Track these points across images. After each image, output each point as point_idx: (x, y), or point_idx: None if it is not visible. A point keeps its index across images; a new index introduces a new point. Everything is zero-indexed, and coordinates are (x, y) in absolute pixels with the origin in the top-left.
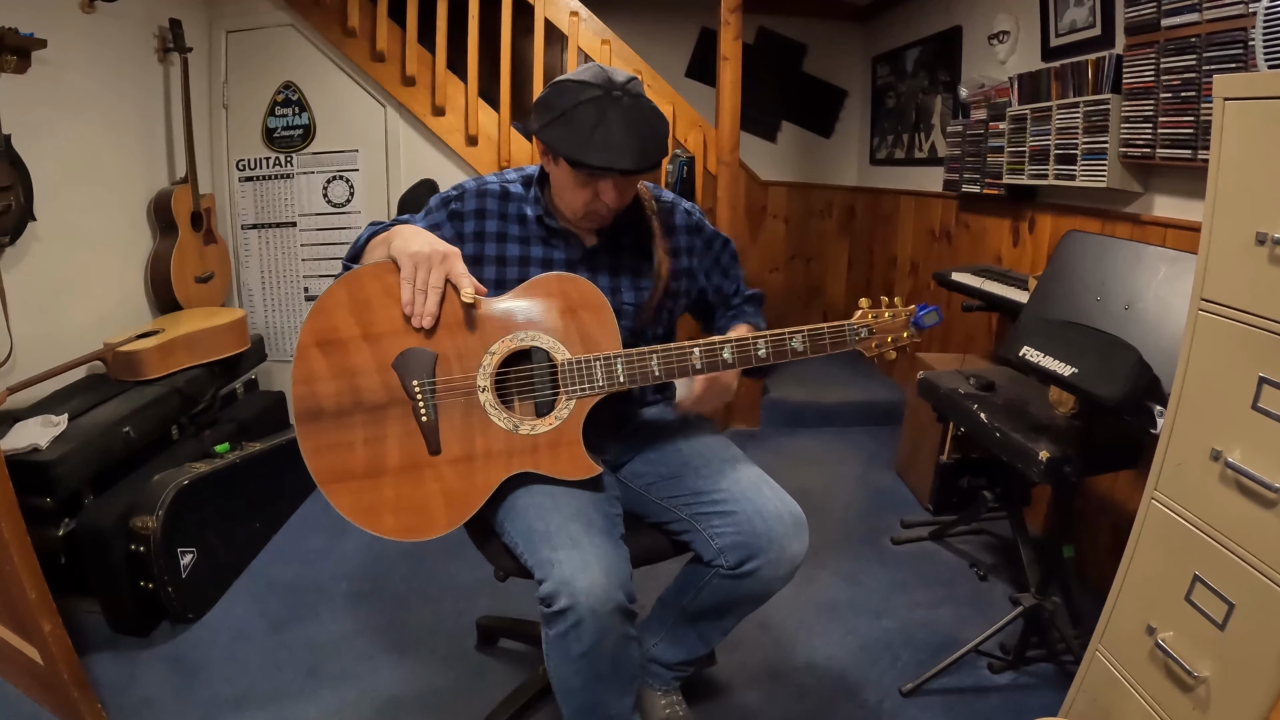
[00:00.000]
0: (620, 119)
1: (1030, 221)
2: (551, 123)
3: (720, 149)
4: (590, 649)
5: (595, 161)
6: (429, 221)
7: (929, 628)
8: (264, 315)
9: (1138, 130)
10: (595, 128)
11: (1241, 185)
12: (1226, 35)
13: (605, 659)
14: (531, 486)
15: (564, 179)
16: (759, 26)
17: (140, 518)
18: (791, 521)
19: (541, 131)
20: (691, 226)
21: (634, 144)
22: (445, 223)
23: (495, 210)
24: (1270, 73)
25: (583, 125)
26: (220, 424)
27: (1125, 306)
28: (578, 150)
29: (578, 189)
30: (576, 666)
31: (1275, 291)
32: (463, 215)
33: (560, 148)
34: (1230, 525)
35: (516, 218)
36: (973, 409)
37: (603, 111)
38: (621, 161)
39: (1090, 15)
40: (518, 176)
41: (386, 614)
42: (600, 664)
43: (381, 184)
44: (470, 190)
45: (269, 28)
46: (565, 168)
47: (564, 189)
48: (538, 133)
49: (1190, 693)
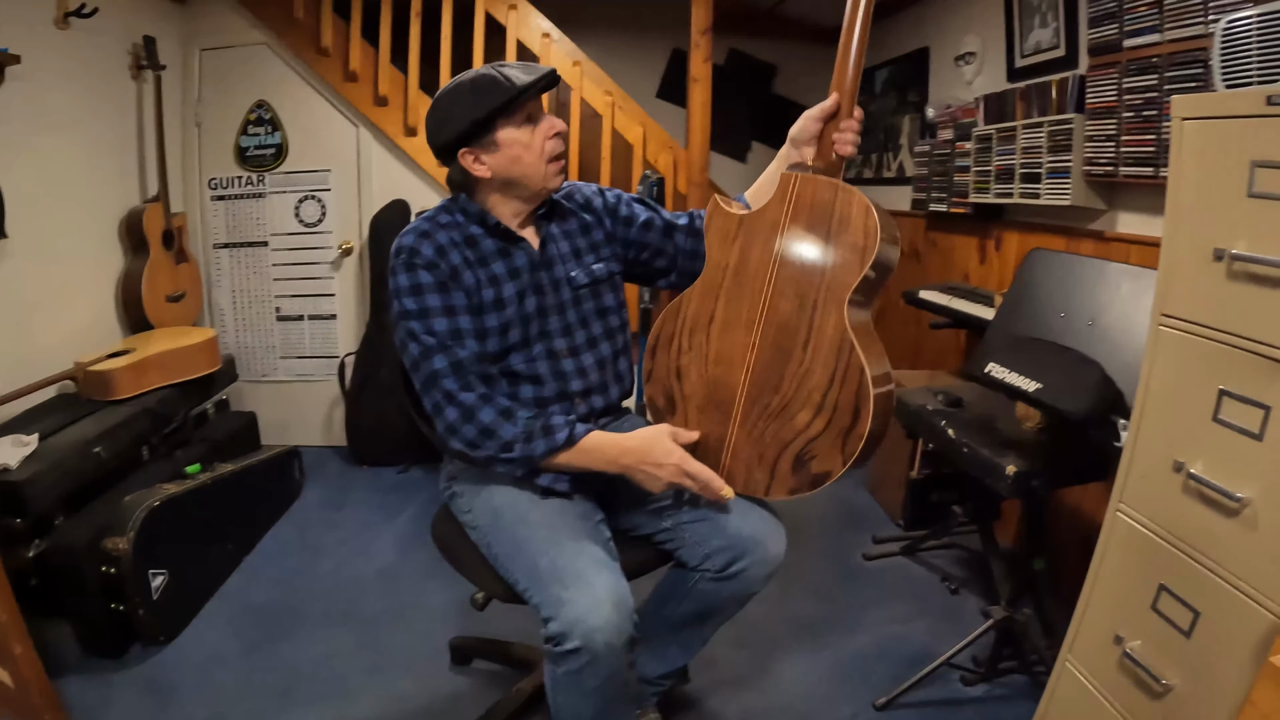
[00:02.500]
0: (504, 66)
1: (997, 239)
2: (469, 107)
3: (691, 170)
4: (604, 683)
5: (525, 81)
6: (412, 281)
7: (902, 642)
8: (235, 335)
9: (1101, 149)
10: (497, 77)
11: (1199, 203)
12: (1187, 56)
13: (617, 687)
14: (526, 516)
15: (514, 146)
16: (730, 48)
17: (111, 539)
18: (772, 523)
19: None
20: (594, 193)
21: (531, 67)
22: (430, 278)
23: (447, 242)
24: (1226, 93)
25: (488, 83)
26: (192, 444)
27: (1089, 322)
28: (504, 94)
29: (531, 139)
30: (591, 700)
31: (1233, 306)
32: (435, 262)
33: (494, 102)
34: (1194, 535)
35: (465, 242)
36: (941, 425)
37: (493, 69)
38: (540, 72)
39: (1054, 37)
40: (434, 213)
41: (361, 635)
42: (612, 692)
43: (353, 204)
44: (411, 242)
45: (243, 46)
46: (508, 129)
47: (519, 155)
48: (464, 128)
49: (1159, 700)
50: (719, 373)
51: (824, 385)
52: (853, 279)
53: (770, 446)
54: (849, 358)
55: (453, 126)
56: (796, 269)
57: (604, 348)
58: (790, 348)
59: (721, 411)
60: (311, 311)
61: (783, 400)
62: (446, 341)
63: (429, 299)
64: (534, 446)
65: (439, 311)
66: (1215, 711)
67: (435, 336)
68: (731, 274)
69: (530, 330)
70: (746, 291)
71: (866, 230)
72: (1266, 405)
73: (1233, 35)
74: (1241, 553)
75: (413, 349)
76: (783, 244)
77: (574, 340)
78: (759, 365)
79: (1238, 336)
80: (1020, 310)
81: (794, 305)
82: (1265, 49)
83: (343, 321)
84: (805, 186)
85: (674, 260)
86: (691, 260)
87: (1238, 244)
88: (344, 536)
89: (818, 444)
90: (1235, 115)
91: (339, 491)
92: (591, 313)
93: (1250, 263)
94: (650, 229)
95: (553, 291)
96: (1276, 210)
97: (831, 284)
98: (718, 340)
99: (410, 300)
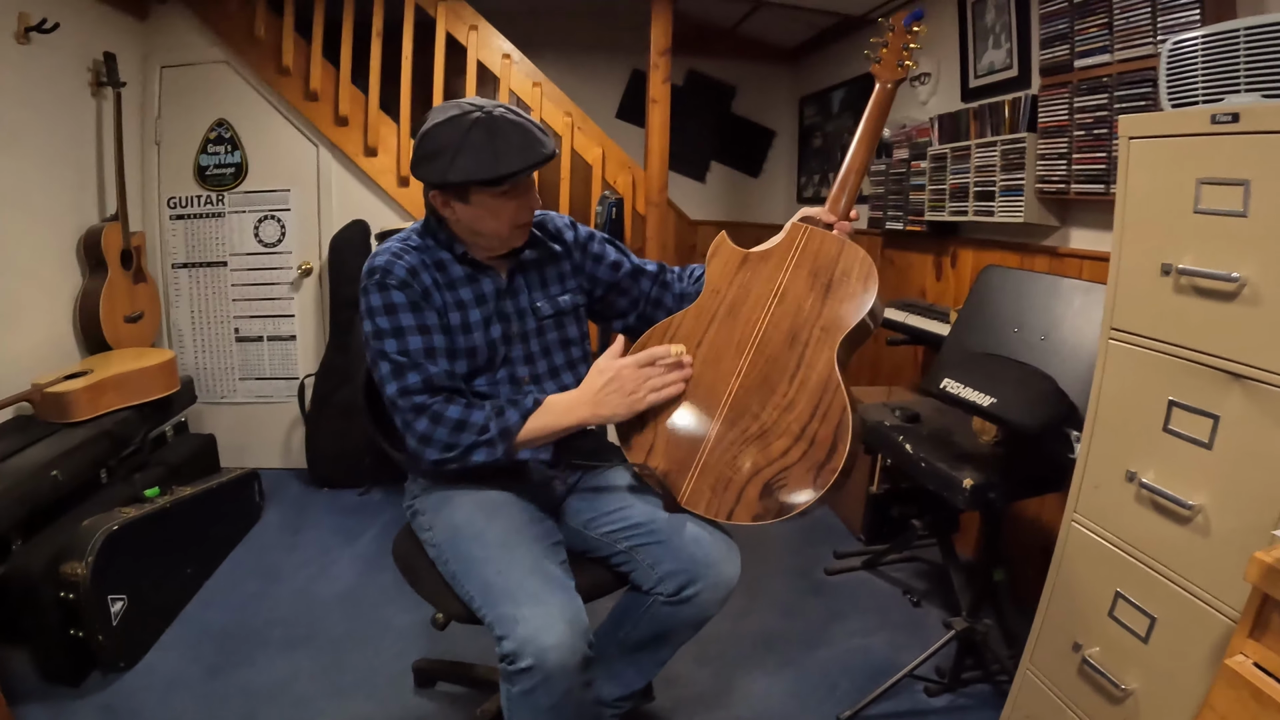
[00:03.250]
0: (508, 125)
1: (952, 256)
2: (453, 162)
3: (649, 190)
4: (559, 702)
5: (516, 165)
6: (385, 300)
7: (865, 655)
8: (194, 356)
9: (1053, 167)
10: (494, 141)
11: (1147, 220)
12: (1136, 75)
13: (571, 707)
14: (483, 534)
15: (483, 208)
16: (689, 69)
17: (69, 564)
18: (725, 547)
19: (448, 174)
20: (565, 225)
21: (531, 137)
22: (403, 297)
23: (418, 264)
24: (1171, 112)
25: (483, 146)
26: (150, 467)
27: (1042, 337)
28: (495, 165)
29: (501, 208)
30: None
31: (1181, 319)
32: (408, 282)
33: (477, 174)
34: (1148, 542)
35: (435, 266)
36: (898, 440)
37: (491, 127)
38: (536, 154)
39: (1007, 57)
40: (407, 235)
41: (323, 659)
42: (568, 713)
43: (313, 224)
44: (384, 262)
45: (203, 64)
46: (483, 195)
47: (485, 218)
48: (440, 181)
49: (1120, 705)
50: (699, 394)
51: (805, 418)
52: (848, 324)
53: (741, 471)
54: (834, 395)
55: (432, 172)
56: (794, 307)
57: (566, 377)
58: (777, 379)
59: (695, 432)
60: (271, 332)
61: (762, 427)
62: (420, 359)
63: (403, 318)
64: (507, 418)
65: (413, 330)
66: (1175, 715)
67: (408, 355)
68: (728, 303)
69: (494, 356)
70: (740, 321)
71: (867, 284)
72: (1215, 415)
73: (1178, 56)
74: (1195, 559)
75: (384, 367)
76: (785, 283)
77: (536, 369)
78: (743, 391)
79: (1186, 348)
80: (975, 326)
81: (786, 340)
82: (1210, 69)
83: (302, 342)
84: (813, 238)
85: (636, 303)
86: (654, 308)
87: (1184, 259)
88: (304, 559)
89: (790, 473)
90: (1181, 134)
91: (299, 514)
92: (555, 343)
93: (1197, 276)
94: (618, 270)
95: (517, 320)
96: (1222, 225)
97: (828, 326)
98: (702, 363)
99: (384, 319)
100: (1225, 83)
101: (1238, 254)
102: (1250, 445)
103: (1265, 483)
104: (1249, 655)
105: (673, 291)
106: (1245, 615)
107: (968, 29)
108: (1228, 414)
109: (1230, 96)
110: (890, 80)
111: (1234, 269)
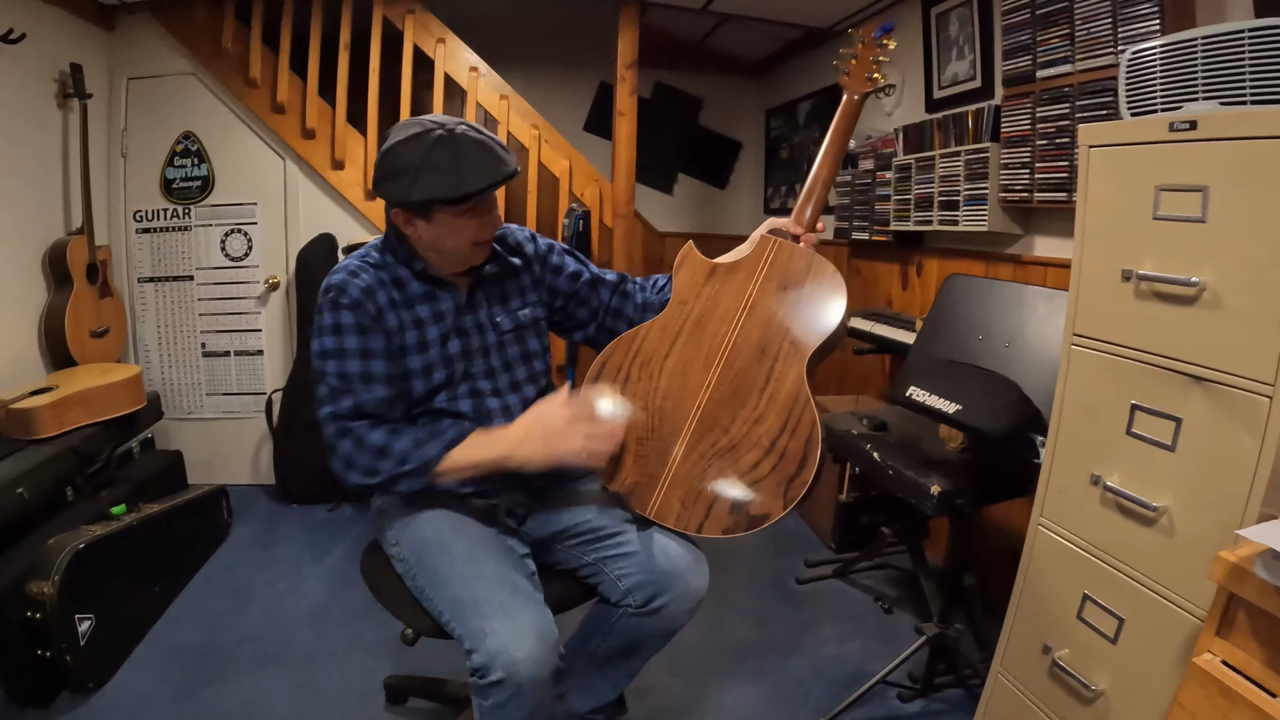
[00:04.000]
0: (469, 143)
1: (918, 265)
2: (416, 181)
3: (616, 202)
4: (531, 715)
5: (478, 184)
6: (334, 320)
7: (838, 662)
8: (160, 371)
9: (1016, 176)
10: (456, 159)
11: (1107, 226)
12: (1097, 85)
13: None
14: (451, 547)
15: (445, 226)
16: (656, 81)
17: (36, 583)
18: (692, 557)
19: (411, 192)
20: (526, 238)
21: (494, 156)
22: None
23: (374, 282)
24: (1130, 121)
25: (445, 165)
26: (116, 484)
27: (1006, 344)
28: (457, 185)
29: (463, 226)
30: None
31: (1142, 324)
32: (361, 303)
33: (439, 193)
34: (1114, 544)
35: (393, 283)
36: (866, 449)
37: (453, 145)
38: (498, 172)
39: (971, 68)
40: (366, 252)
41: (293, 677)
42: None
43: (280, 238)
44: (339, 281)
45: (170, 76)
46: (445, 214)
47: (446, 236)
48: (403, 200)
49: (1090, 705)
50: (667, 406)
51: (775, 432)
52: (818, 338)
53: (711, 484)
54: (804, 410)
55: (394, 191)
56: (763, 320)
57: (528, 390)
58: (746, 393)
59: (663, 445)
60: (238, 347)
61: (732, 441)
62: (355, 384)
63: (347, 340)
64: (427, 450)
65: (355, 354)
66: (1145, 714)
67: (345, 378)
68: (695, 316)
69: (454, 372)
70: (708, 334)
71: (836, 297)
72: (1178, 417)
73: (1137, 65)
74: (1161, 559)
75: (321, 389)
76: (754, 296)
77: (497, 383)
78: (712, 404)
79: (1147, 353)
80: (940, 334)
81: (755, 353)
82: (1168, 78)
83: (269, 357)
84: (783, 251)
85: (596, 314)
86: (614, 319)
87: (1144, 264)
88: (274, 576)
89: (761, 486)
90: (1140, 141)
91: (268, 530)
92: (516, 357)
93: (1157, 282)
94: (577, 280)
95: (477, 335)
96: (1181, 231)
97: (797, 340)
98: (669, 376)
99: (330, 339)
100: (1183, 91)
101: (1197, 259)
102: (1212, 446)
103: (1228, 482)
104: (1217, 653)
105: (634, 301)
106: (1211, 614)
107: (932, 40)
108: (1190, 416)
109: (1188, 104)
110: (858, 92)
111: (1193, 273)
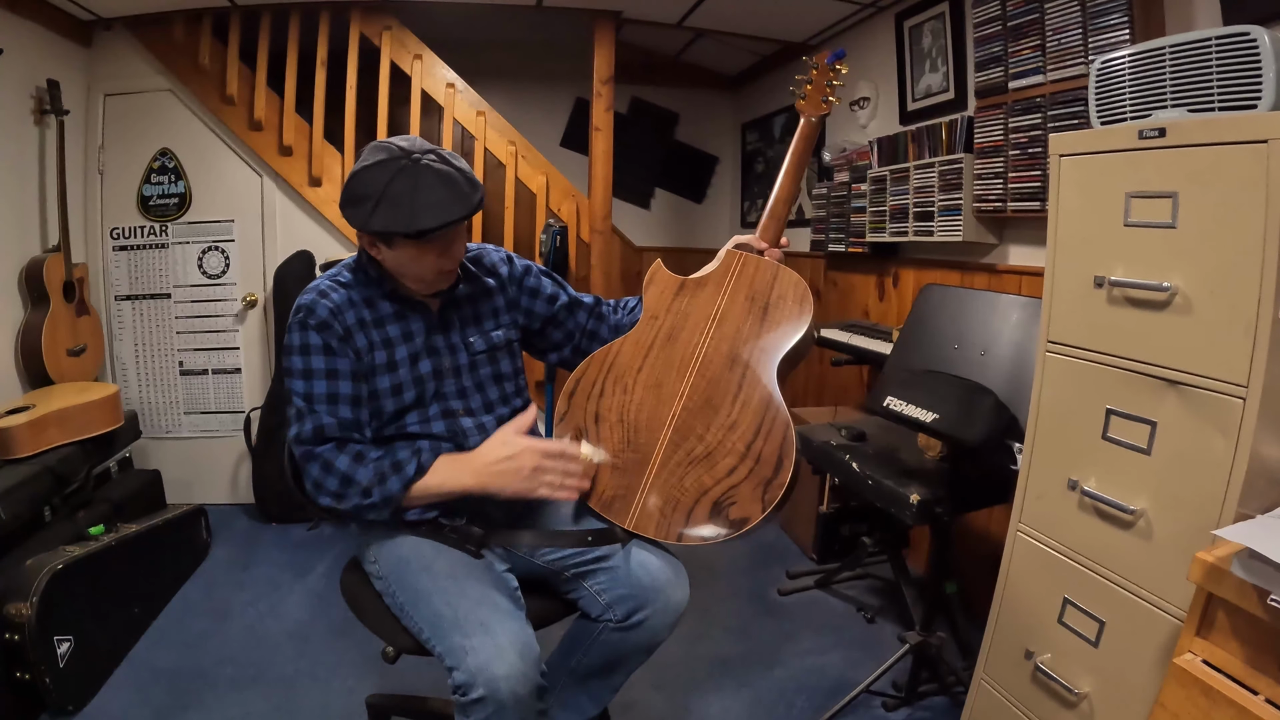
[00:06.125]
0: (432, 176)
1: (894, 276)
2: (374, 211)
3: (593, 217)
4: None
5: (431, 223)
6: (302, 340)
7: (821, 673)
8: (138, 390)
9: (990, 186)
10: (415, 194)
11: (1079, 234)
12: (1068, 95)
13: None
14: (431, 565)
15: (406, 254)
16: (632, 96)
17: (13, 604)
18: (672, 571)
19: (369, 222)
20: (501, 260)
21: (456, 191)
22: (319, 339)
23: (344, 302)
24: (1099, 129)
25: (403, 198)
26: (94, 504)
27: (981, 352)
28: (411, 221)
29: (423, 256)
30: None
31: (1115, 329)
32: (328, 323)
33: (394, 227)
34: (1092, 548)
35: (364, 303)
36: (845, 459)
37: (414, 178)
38: (454, 212)
39: (944, 80)
40: (338, 271)
41: (274, 698)
42: None
43: (257, 255)
44: (309, 301)
45: (147, 92)
46: (405, 244)
47: (407, 264)
48: (364, 226)
49: (1074, 709)
50: (641, 419)
51: (749, 437)
52: (786, 345)
53: (689, 492)
54: (776, 414)
55: (354, 217)
56: (733, 330)
57: (501, 410)
58: (720, 401)
59: (638, 457)
60: (216, 365)
61: (707, 448)
62: (320, 405)
63: (314, 360)
64: (389, 486)
65: (321, 374)
66: (1128, 715)
67: (311, 399)
68: (666, 330)
69: (425, 392)
70: (680, 346)
71: (802, 307)
72: (1153, 421)
73: (1106, 75)
74: (1140, 562)
75: (289, 410)
76: (723, 308)
77: (470, 403)
78: (686, 413)
79: (1121, 358)
80: (916, 344)
81: (727, 362)
82: (1137, 87)
83: (248, 375)
84: (749, 264)
85: (571, 336)
86: (589, 341)
87: (1116, 270)
88: (253, 596)
89: (738, 491)
90: (1110, 150)
91: (247, 550)
92: (488, 378)
93: (1129, 288)
94: (554, 303)
95: (449, 355)
96: (1151, 237)
97: (766, 347)
98: (643, 389)
99: (298, 359)
100: (1152, 99)
101: (1168, 264)
102: (1187, 449)
103: (1204, 484)
104: (1197, 653)
105: (608, 323)
106: (1191, 614)
107: (905, 53)
108: (1164, 420)
109: (1157, 112)
110: (814, 115)
111: (1165, 279)
